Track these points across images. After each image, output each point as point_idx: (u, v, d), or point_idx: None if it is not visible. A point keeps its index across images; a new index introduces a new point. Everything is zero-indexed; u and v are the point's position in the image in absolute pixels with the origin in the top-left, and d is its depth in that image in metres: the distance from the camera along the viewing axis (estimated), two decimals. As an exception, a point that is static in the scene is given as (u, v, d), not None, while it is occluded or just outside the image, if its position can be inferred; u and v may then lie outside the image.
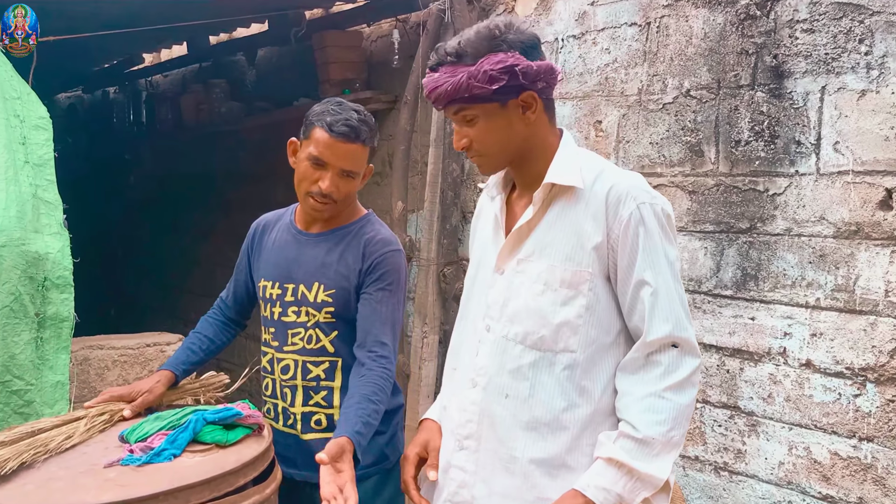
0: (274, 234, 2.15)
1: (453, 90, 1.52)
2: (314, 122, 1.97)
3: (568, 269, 1.55)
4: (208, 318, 2.29)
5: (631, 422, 1.50)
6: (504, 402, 1.60)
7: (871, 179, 2.43)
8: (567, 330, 1.56)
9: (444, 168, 3.63)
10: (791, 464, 2.63)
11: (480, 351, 1.65)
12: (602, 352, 1.57)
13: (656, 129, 3.01)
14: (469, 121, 1.56)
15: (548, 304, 1.57)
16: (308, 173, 1.98)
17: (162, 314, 6.99)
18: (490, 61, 1.50)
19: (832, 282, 2.52)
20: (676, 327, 1.52)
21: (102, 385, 2.86)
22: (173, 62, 6.19)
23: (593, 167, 1.59)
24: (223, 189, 6.18)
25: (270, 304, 2.09)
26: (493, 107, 1.54)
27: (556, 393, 1.56)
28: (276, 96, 5.09)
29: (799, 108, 2.60)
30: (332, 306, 2.01)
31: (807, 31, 2.58)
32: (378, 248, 2.01)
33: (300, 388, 2.04)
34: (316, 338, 2.03)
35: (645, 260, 1.52)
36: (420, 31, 3.76)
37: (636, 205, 1.53)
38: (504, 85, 1.50)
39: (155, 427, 1.75)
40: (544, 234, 1.59)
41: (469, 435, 1.65)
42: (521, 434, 1.58)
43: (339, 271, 2.02)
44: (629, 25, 3.10)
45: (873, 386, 2.43)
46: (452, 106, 1.55)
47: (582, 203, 1.56)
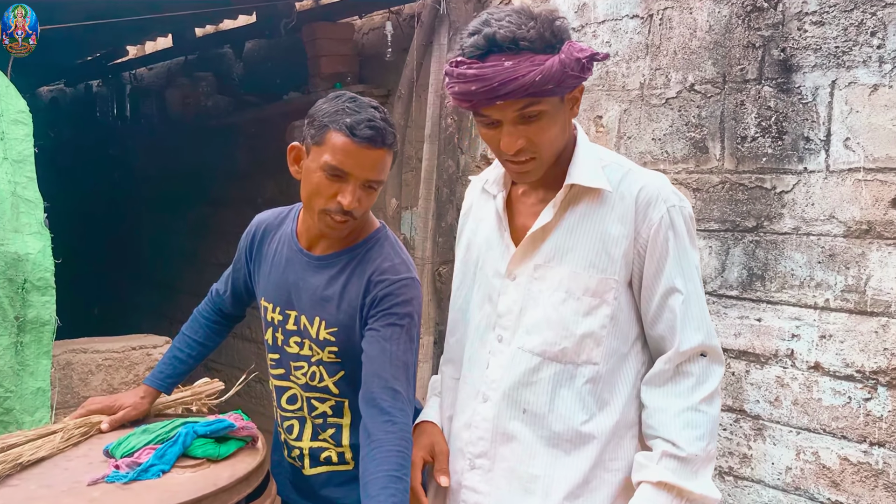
0: (275, 245, 1.87)
1: (543, 80, 1.33)
2: (328, 124, 1.62)
3: (593, 277, 1.45)
4: (201, 315, 2.08)
5: (672, 440, 1.41)
6: (522, 418, 1.50)
7: (884, 177, 2.36)
8: (590, 341, 1.47)
9: (439, 164, 3.54)
10: (799, 469, 2.57)
11: (492, 363, 1.54)
12: (621, 362, 1.49)
13: (659, 125, 2.93)
14: (531, 118, 1.38)
15: (570, 314, 1.47)
16: (323, 186, 1.62)
17: (148, 314, 6.87)
18: (575, 48, 1.36)
19: (842, 282, 2.45)
20: (708, 336, 1.45)
21: (86, 391, 2.75)
22: (158, 55, 6.06)
23: (618, 167, 1.49)
24: (210, 185, 6.06)
25: (272, 328, 1.83)
26: (557, 101, 1.40)
27: (577, 408, 1.47)
28: (265, 90, 4.98)
29: (808, 104, 2.52)
30: (336, 346, 1.72)
31: (816, 24, 2.50)
32: (386, 278, 1.68)
33: (309, 422, 1.82)
34: (319, 376, 1.77)
35: (675, 266, 1.44)
36: (414, 24, 3.66)
37: (666, 208, 1.44)
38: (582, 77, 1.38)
39: (142, 441, 1.64)
40: (565, 238, 1.48)
41: (482, 454, 1.54)
42: (542, 451, 1.49)
43: (341, 307, 1.71)
44: (630, 18, 3.02)
45: (885, 389, 2.37)
46: (520, 101, 1.35)
47: (608, 205, 1.46)
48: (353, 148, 1.60)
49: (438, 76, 3.54)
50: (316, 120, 1.66)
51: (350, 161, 1.60)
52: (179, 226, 6.50)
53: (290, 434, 1.84)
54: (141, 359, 2.89)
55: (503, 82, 1.33)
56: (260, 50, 5.33)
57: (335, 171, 1.61)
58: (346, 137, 1.60)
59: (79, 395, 2.74)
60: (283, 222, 1.90)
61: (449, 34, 3.49)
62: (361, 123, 1.60)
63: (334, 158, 1.61)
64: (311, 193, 1.66)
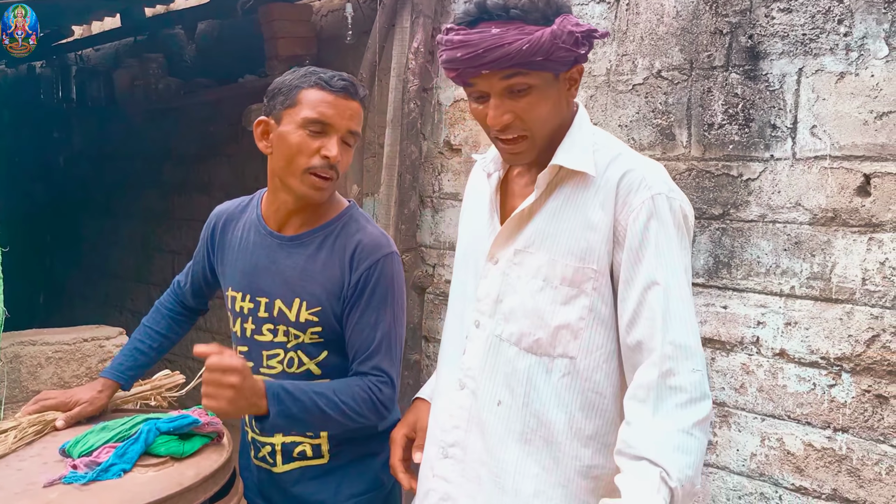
0: (239, 233, 1.82)
1: (530, 50, 1.28)
2: (300, 85, 1.64)
3: (570, 265, 1.38)
4: (162, 306, 2.01)
5: (665, 466, 1.25)
6: (496, 410, 1.44)
7: (849, 165, 2.37)
8: (566, 333, 1.39)
9: (401, 150, 3.47)
10: (763, 455, 2.58)
11: (468, 349, 1.49)
12: (606, 360, 1.40)
13: (626, 111, 2.91)
14: (519, 92, 1.33)
15: (546, 303, 1.40)
16: (305, 144, 1.62)
17: (96, 302, 6.67)
18: (570, 21, 1.31)
19: (808, 270, 2.46)
20: (697, 343, 1.32)
21: (35, 385, 2.63)
22: (105, 35, 5.85)
23: (609, 151, 1.42)
24: (161, 170, 5.89)
25: (241, 318, 1.77)
26: (550, 77, 1.34)
27: (552, 404, 1.40)
28: (219, 72, 4.84)
29: (775, 91, 2.52)
30: (320, 325, 1.69)
31: (784, 11, 2.50)
32: (369, 255, 1.68)
33: None
34: (298, 361, 1.72)
35: (655, 258, 1.32)
36: (374, 6, 3.57)
37: (651, 195, 1.34)
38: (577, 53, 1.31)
39: (101, 439, 1.56)
40: (547, 222, 1.41)
41: (455, 442, 1.49)
42: (513, 446, 1.42)
43: (324, 285, 1.69)
44: (597, 3, 2.99)
45: (849, 376, 2.39)
46: (507, 71, 1.31)
47: (592, 190, 1.38)
48: (332, 98, 1.63)
49: (401, 60, 3.47)
50: (283, 87, 1.67)
51: (330, 111, 1.63)
52: (129, 212, 6.32)
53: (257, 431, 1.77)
54: (93, 351, 2.77)
55: (488, 48, 1.30)
56: (213, 31, 5.18)
57: (316, 123, 1.63)
58: (321, 90, 1.63)
59: (27, 390, 2.61)
60: (246, 210, 1.86)
61: (412, 17, 3.42)
62: (334, 77, 1.65)
63: (314, 111, 1.62)
64: (293, 155, 1.64)
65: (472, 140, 3.45)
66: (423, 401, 1.68)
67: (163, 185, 5.89)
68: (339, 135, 1.64)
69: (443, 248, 3.61)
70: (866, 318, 2.34)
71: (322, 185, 1.65)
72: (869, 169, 2.33)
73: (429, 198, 3.66)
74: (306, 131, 1.63)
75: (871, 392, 2.34)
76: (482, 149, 3.39)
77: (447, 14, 3.48)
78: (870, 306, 2.34)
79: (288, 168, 1.66)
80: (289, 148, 1.64)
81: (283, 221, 1.76)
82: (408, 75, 3.44)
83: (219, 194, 5.23)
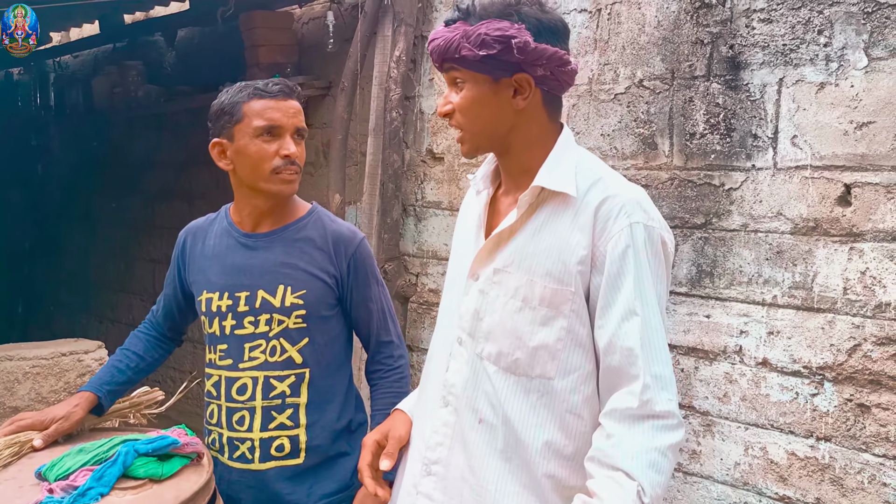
0: (211, 241, 1.93)
1: (444, 46, 1.40)
2: (239, 101, 1.80)
3: (549, 287, 1.38)
4: (138, 333, 2.06)
5: (639, 480, 1.27)
6: (477, 427, 1.44)
7: (830, 174, 2.38)
8: (544, 354, 1.39)
9: (384, 159, 3.45)
10: (747, 464, 2.59)
11: (451, 366, 1.49)
12: (585, 381, 1.40)
13: (608, 121, 2.91)
14: (456, 84, 1.44)
15: (525, 324, 1.40)
16: (263, 150, 1.78)
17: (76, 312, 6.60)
18: (489, 26, 1.36)
19: (790, 279, 2.47)
20: (671, 371, 1.34)
21: (12, 400, 2.59)
22: (84, 42, 5.79)
23: (590, 173, 1.42)
24: (141, 177, 5.84)
25: (219, 317, 1.86)
26: (484, 78, 1.40)
27: (531, 423, 1.40)
28: (199, 80, 4.80)
29: (756, 101, 2.53)
30: (304, 308, 1.83)
31: (764, 21, 2.50)
32: (350, 242, 1.88)
33: (259, 411, 1.83)
34: (281, 349, 1.83)
35: (634, 288, 1.33)
36: (356, 14, 3.56)
37: (629, 223, 1.35)
38: (495, 56, 1.36)
39: (78, 462, 1.53)
40: (526, 242, 1.42)
41: (438, 460, 1.49)
42: (494, 464, 1.42)
43: (307, 270, 1.84)
44: (579, 12, 2.99)
45: (831, 385, 2.40)
46: (445, 64, 1.43)
47: (570, 212, 1.39)
48: (273, 103, 1.78)
49: (383, 68, 3.46)
50: (224, 108, 1.81)
51: (277, 114, 1.78)
52: (110, 220, 6.25)
53: (241, 426, 1.83)
54: (71, 365, 2.74)
55: (428, 44, 1.44)
56: (193, 38, 5.14)
57: (268, 129, 1.78)
58: (261, 99, 1.78)
59: (4, 406, 2.57)
60: (214, 222, 1.98)
61: (393, 25, 3.40)
62: (268, 83, 1.80)
63: (263, 118, 1.77)
64: (255, 163, 1.79)
65: (455, 148, 3.44)
66: (400, 412, 1.69)
67: (144, 192, 5.84)
68: (289, 133, 1.80)
69: (426, 257, 3.59)
70: (848, 328, 2.35)
71: (290, 178, 1.82)
72: (849, 179, 2.34)
73: (411, 206, 3.65)
74: (261, 139, 1.78)
75: (853, 401, 2.35)
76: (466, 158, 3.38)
77: (429, 22, 3.47)
78: (851, 315, 2.35)
79: (255, 175, 1.81)
80: (250, 158, 1.79)
81: (256, 223, 1.89)
82: (390, 84, 3.43)
83: (200, 202, 5.18)
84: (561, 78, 1.42)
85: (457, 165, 3.45)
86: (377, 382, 1.94)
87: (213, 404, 1.89)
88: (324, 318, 1.86)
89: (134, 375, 1.94)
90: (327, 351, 1.88)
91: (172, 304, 2.03)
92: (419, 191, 3.61)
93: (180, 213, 5.40)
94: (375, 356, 1.96)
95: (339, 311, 1.91)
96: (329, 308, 1.88)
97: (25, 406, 2.61)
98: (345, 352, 1.96)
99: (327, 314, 1.88)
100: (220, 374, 1.87)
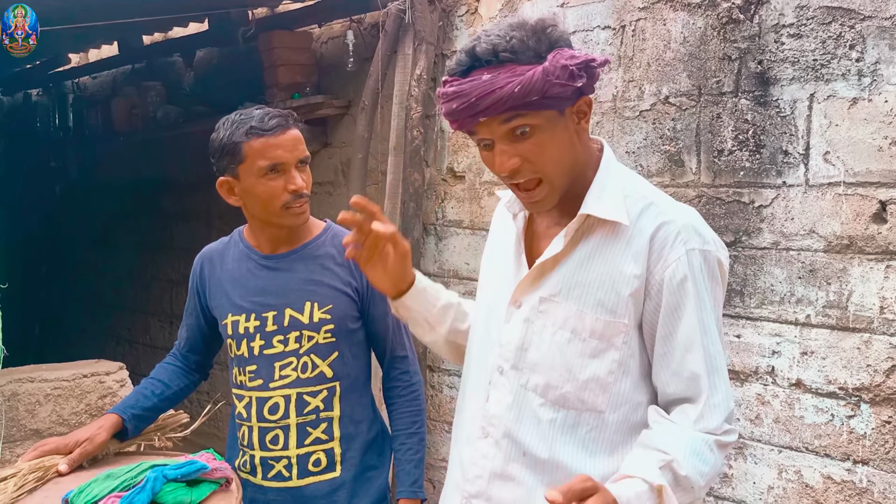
0: (230, 265, 1.93)
1: (523, 91, 1.24)
2: (237, 142, 1.77)
3: (600, 319, 1.33)
4: (163, 364, 2.03)
5: (675, 455, 1.26)
6: (522, 461, 1.39)
7: (864, 191, 2.34)
8: (596, 387, 1.34)
9: (404, 178, 3.43)
10: (781, 488, 2.52)
11: (492, 396, 1.43)
12: (634, 411, 1.36)
13: (633, 138, 2.87)
14: (522, 134, 1.29)
15: (574, 356, 1.35)
16: (270, 189, 1.79)
17: (94, 334, 6.59)
18: (563, 55, 1.25)
19: (823, 298, 2.42)
20: (728, 402, 1.32)
21: (34, 423, 2.56)
22: (103, 63, 5.82)
23: (640, 197, 1.36)
24: (159, 199, 5.84)
25: (247, 339, 1.86)
26: (553, 114, 1.29)
27: (580, 456, 1.35)
28: (218, 100, 4.80)
29: (786, 117, 2.49)
30: (332, 323, 1.84)
31: (794, 37, 2.47)
32: None
33: (293, 428, 1.83)
34: (312, 364, 1.84)
35: (696, 316, 1.30)
36: (376, 33, 3.55)
37: (685, 250, 1.30)
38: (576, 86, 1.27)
39: (106, 488, 1.50)
40: (575, 271, 1.36)
41: (478, 493, 1.43)
42: (539, 500, 1.34)
43: (332, 285, 1.86)
44: (602, 29, 2.96)
45: (868, 407, 2.34)
46: (504, 115, 1.27)
47: (623, 240, 1.33)
48: (273, 140, 1.77)
49: (403, 87, 3.44)
50: (224, 149, 1.80)
51: (279, 151, 1.77)
52: (128, 241, 6.26)
53: (275, 445, 1.84)
54: (93, 387, 2.70)
55: (480, 97, 1.26)
56: (212, 59, 5.15)
57: (272, 168, 1.77)
58: (259, 137, 1.76)
59: (26, 428, 2.54)
60: (229, 246, 1.99)
61: (414, 44, 3.39)
62: (262, 119, 1.78)
63: (265, 158, 1.76)
64: (265, 201, 1.80)
65: (476, 167, 3.41)
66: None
67: (162, 214, 5.84)
68: (293, 166, 1.80)
69: (447, 276, 3.56)
70: (885, 348, 2.30)
71: (301, 210, 1.83)
72: (885, 196, 2.29)
73: (432, 225, 3.62)
74: (266, 178, 1.78)
75: (891, 423, 2.29)
76: (487, 176, 3.35)
77: (449, 41, 3.46)
78: (888, 335, 2.29)
79: (266, 211, 1.82)
80: (258, 197, 1.80)
81: (274, 246, 1.91)
82: (410, 102, 3.41)
83: (218, 223, 5.17)
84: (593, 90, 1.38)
85: (478, 184, 3.42)
86: (395, 401, 1.95)
87: (244, 426, 1.88)
88: (351, 332, 1.89)
89: (159, 402, 1.91)
90: (355, 364, 1.91)
91: (197, 335, 2.01)
92: (440, 210, 3.58)
93: (198, 234, 5.40)
94: (391, 371, 1.96)
95: (362, 325, 1.93)
96: (354, 321, 1.90)
97: (47, 428, 2.58)
98: (368, 365, 1.99)
99: (354, 327, 1.90)
100: (250, 396, 1.86)
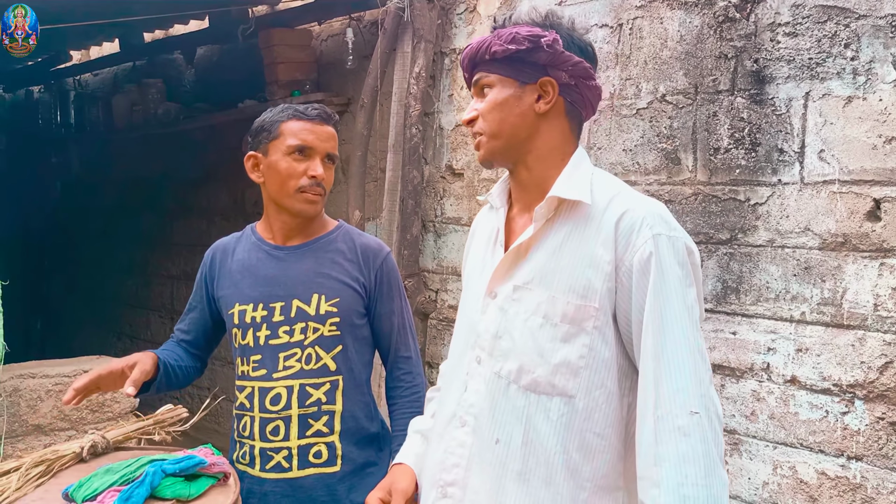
0: (240, 256, 1.95)
1: (477, 48, 1.41)
2: (278, 119, 1.87)
3: (571, 303, 1.35)
4: (170, 343, 2.03)
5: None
6: (494, 448, 1.40)
7: (859, 189, 2.35)
8: (566, 371, 1.35)
9: (403, 175, 3.45)
10: (776, 484, 2.54)
11: (469, 386, 1.45)
12: (607, 400, 1.36)
13: (630, 136, 2.89)
14: (483, 91, 1.43)
15: (546, 341, 1.37)
16: (293, 168, 1.85)
17: (94, 328, 6.62)
18: (522, 27, 1.38)
19: (818, 295, 2.44)
20: (696, 388, 1.29)
21: (35, 418, 2.59)
22: (104, 60, 5.85)
23: (607, 187, 1.40)
24: (160, 195, 5.87)
25: (253, 328, 1.87)
26: (510, 82, 1.40)
27: (551, 443, 1.36)
28: (218, 97, 4.82)
29: (781, 115, 2.50)
30: (338, 316, 1.88)
31: (789, 35, 2.49)
32: (377, 256, 1.94)
33: (295, 419, 1.84)
34: (316, 356, 1.86)
35: (657, 302, 1.30)
36: (375, 31, 3.57)
37: (651, 235, 1.32)
38: (524, 57, 1.37)
39: (105, 482, 1.52)
40: (547, 258, 1.39)
41: (454, 482, 1.44)
42: (511, 486, 1.38)
43: (339, 279, 1.90)
44: (600, 27, 2.98)
45: (862, 403, 2.36)
46: (475, 71, 1.43)
47: (593, 227, 1.36)
48: (310, 125, 1.86)
49: (402, 85, 3.46)
50: (265, 124, 1.89)
51: (311, 136, 1.85)
52: (128, 237, 6.28)
53: (276, 436, 1.85)
54: (94, 383, 2.73)
55: (469, 49, 1.44)
56: (212, 56, 5.17)
57: (300, 148, 1.84)
58: (299, 120, 1.86)
59: (27, 424, 2.57)
60: (241, 239, 2.02)
61: (413, 42, 3.41)
62: (308, 107, 1.89)
63: (297, 138, 1.84)
64: (284, 179, 1.85)
65: (475, 164, 3.43)
66: (402, 465, 1.64)
67: (162, 210, 5.86)
68: (320, 156, 1.86)
69: (445, 273, 3.58)
70: (879, 345, 2.31)
71: (314, 199, 1.87)
72: (879, 193, 2.31)
73: (431, 222, 3.63)
74: (292, 157, 1.85)
75: (885, 420, 2.31)
76: (485, 173, 3.37)
77: (448, 39, 3.47)
78: (882, 332, 2.31)
79: (281, 191, 1.87)
80: (279, 174, 1.85)
81: (286, 237, 1.94)
82: (409, 100, 3.43)
83: (218, 219, 5.20)
84: (584, 93, 1.41)
85: (476, 181, 3.44)
86: (397, 402, 1.96)
87: (245, 416, 1.88)
88: (356, 327, 1.91)
89: (178, 371, 1.91)
90: (358, 359, 1.93)
91: (200, 328, 2.02)
92: (438, 207, 3.60)
93: (198, 230, 5.42)
94: (394, 371, 1.98)
95: (367, 321, 1.95)
96: (360, 317, 1.92)
97: (48, 423, 2.61)
98: (370, 361, 2.00)
99: (359, 322, 1.92)
100: (253, 386, 1.87)
